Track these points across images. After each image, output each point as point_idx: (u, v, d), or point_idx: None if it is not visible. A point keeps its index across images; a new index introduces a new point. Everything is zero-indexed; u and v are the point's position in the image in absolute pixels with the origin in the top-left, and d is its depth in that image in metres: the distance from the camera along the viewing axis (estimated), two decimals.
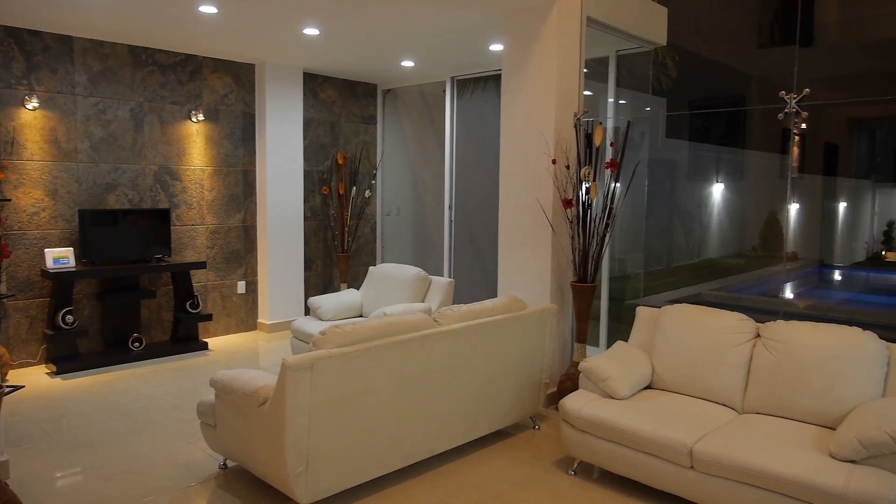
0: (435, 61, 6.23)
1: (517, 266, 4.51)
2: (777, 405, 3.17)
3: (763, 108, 3.86)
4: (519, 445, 3.83)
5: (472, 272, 6.93)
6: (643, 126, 6.10)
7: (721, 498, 2.84)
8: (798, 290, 7.87)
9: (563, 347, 4.53)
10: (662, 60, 6.01)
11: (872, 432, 2.56)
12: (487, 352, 3.62)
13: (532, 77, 4.35)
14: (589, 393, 3.45)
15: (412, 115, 7.67)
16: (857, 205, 9.10)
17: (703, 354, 3.42)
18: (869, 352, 2.99)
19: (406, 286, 5.16)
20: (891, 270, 9.15)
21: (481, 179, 6.54)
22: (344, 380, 2.91)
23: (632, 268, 5.98)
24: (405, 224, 7.84)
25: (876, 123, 8.27)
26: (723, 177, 8.01)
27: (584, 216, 4.14)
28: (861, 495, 2.45)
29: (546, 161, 4.26)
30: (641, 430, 3.05)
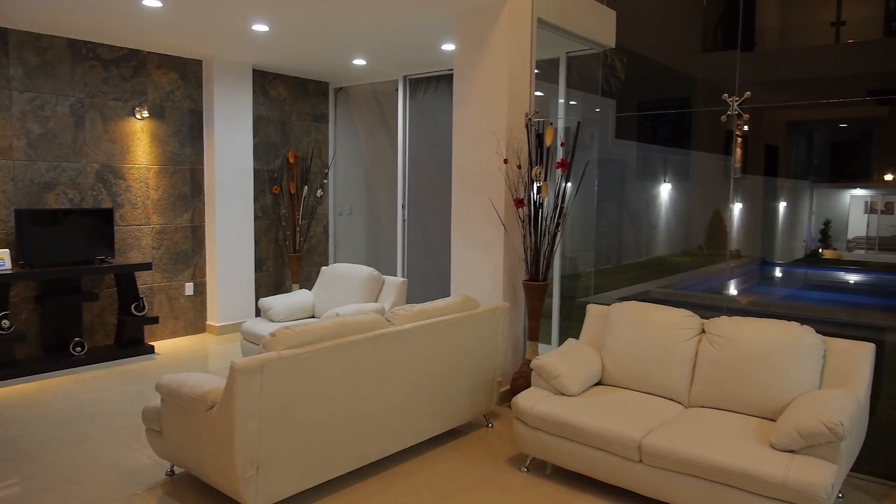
0: (387, 60, 6.20)
1: (470, 265, 4.53)
2: (721, 398, 3.27)
3: (707, 111, 3.97)
4: (472, 444, 3.85)
5: (425, 271, 6.93)
6: (593, 127, 6.21)
7: (669, 490, 2.91)
8: (741, 287, 8.14)
9: (515, 345, 4.57)
10: (611, 63, 6.13)
11: (810, 423, 2.66)
12: (441, 351, 3.63)
13: (484, 77, 4.37)
14: (541, 390, 3.49)
15: (364, 113, 7.62)
16: (796, 204, 9.46)
17: (651, 350, 3.50)
18: (806, 345, 3.11)
19: (359, 286, 5.12)
20: (828, 267, 9.54)
21: (434, 179, 6.55)
22: (295, 382, 2.87)
23: (583, 266, 6.07)
24: (358, 223, 7.78)
25: (813, 126, 8.62)
26: (670, 177, 8.22)
27: (535, 215, 4.18)
28: (799, 483, 2.54)
29: (498, 161, 4.28)
30: (591, 425, 3.10)
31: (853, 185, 9.55)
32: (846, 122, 8.27)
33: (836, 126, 8.45)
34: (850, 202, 9.75)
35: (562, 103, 5.25)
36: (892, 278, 8.98)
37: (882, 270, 9.21)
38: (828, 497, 2.51)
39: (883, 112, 7.04)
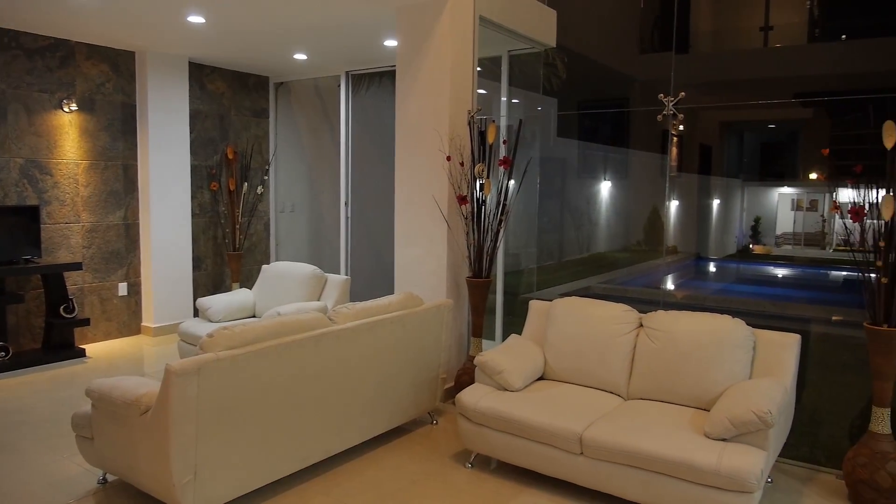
0: (329, 55, 6.12)
1: (413, 262, 4.52)
2: (658, 390, 3.37)
3: (644, 110, 4.07)
4: (417, 441, 3.85)
5: (369, 269, 6.88)
6: (535, 125, 6.28)
7: (609, 481, 2.97)
8: (678, 282, 8.40)
9: (459, 342, 4.58)
10: (553, 62, 6.21)
11: (741, 412, 2.76)
12: (384, 349, 3.61)
13: (426, 74, 4.36)
14: (485, 386, 3.52)
15: (306, 109, 7.50)
16: (729, 202, 9.82)
17: (591, 345, 3.57)
18: (737, 338, 3.24)
19: (301, 285, 5.04)
20: (758, 262, 9.94)
21: (378, 175, 6.50)
22: (234, 383, 2.80)
23: (525, 262, 6.14)
24: (300, 221, 7.66)
25: (744, 126, 8.97)
26: (610, 175, 8.41)
27: (478, 212, 4.20)
28: (731, 470, 2.64)
29: (441, 158, 4.29)
30: (534, 420, 3.14)
31: (781, 183, 9.98)
32: (774, 123, 8.64)
33: (765, 127, 8.82)
34: (779, 200, 10.19)
35: (504, 101, 5.29)
36: (817, 272, 9.42)
37: (807, 265, 9.66)
38: (757, 482, 2.61)
39: (808, 114, 7.38)
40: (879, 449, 3.05)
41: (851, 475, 3.11)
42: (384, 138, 6.13)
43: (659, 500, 2.84)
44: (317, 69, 6.80)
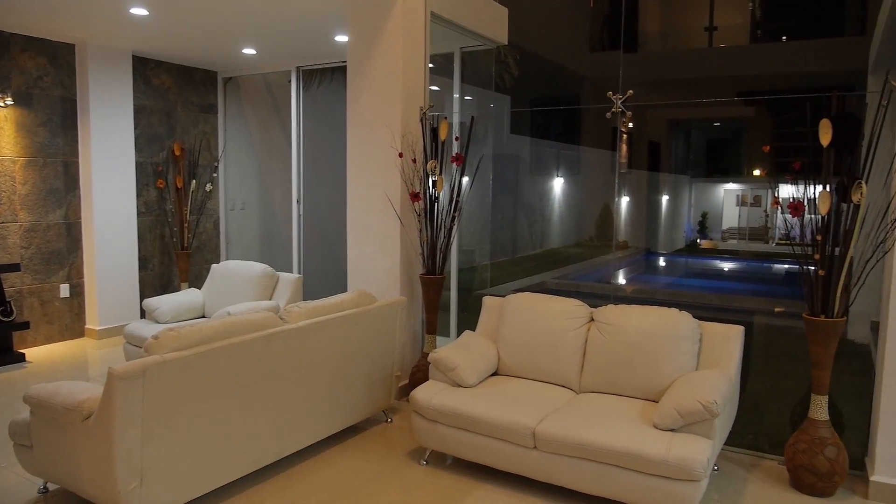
0: (278, 50, 6.01)
1: (367, 260, 4.49)
2: (609, 383, 3.42)
3: (594, 108, 4.13)
4: (371, 439, 3.82)
5: (323, 267, 6.80)
6: (488, 122, 6.31)
7: (562, 474, 3.01)
8: (629, 276, 8.57)
9: (414, 339, 4.57)
10: (505, 59, 6.25)
11: (687, 402, 2.84)
12: (337, 348, 3.57)
13: (378, 70, 4.33)
14: (439, 383, 3.52)
15: (256, 105, 7.36)
16: (677, 198, 10.05)
17: (544, 340, 3.61)
18: (684, 330, 3.32)
19: (251, 284, 4.95)
20: (705, 256, 10.22)
21: (331, 172, 6.43)
22: (182, 386, 2.73)
23: (479, 259, 6.17)
24: (251, 219, 7.51)
25: (691, 124, 9.20)
26: (563, 171, 8.52)
27: (431, 209, 4.20)
28: (679, 459, 2.70)
29: (393, 154, 4.26)
30: (488, 415, 3.16)
31: (727, 179, 10.27)
32: (719, 121, 8.89)
33: (711, 125, 9.07)
34: (724, 195, 10.50)
35: (457, 98, 5.30)
36: (760, 265, 9.74)
37: (751, 258, 9.97)
38: (704, 470, 2.69)
39: (751, 112, 7.62)
40: (818, 435, 3.17)
41: (792, 461, 3.23)
42: (337, 135, 6.06)
43: (610, 490, 2.90)
44: (267, 64, 6.68)
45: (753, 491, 3.23)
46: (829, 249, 3.07)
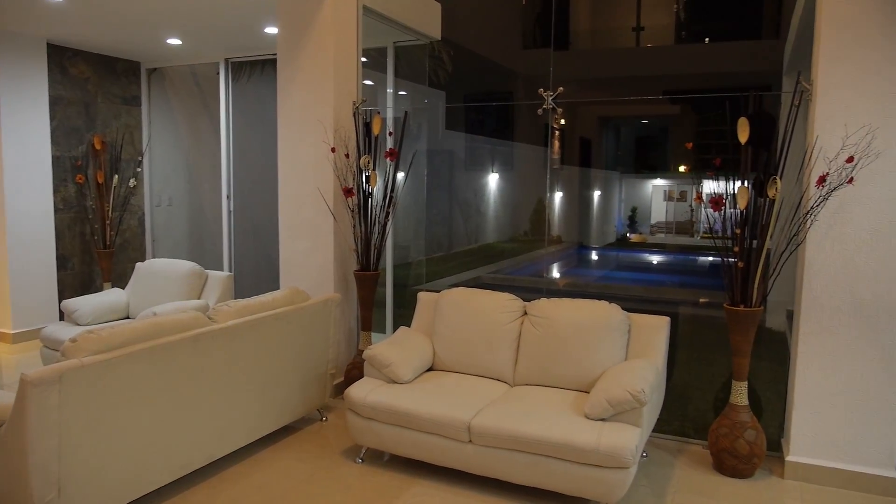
0: (206, 41, 5.82)
1: (300, 257, 4.41)
2: (542, 375, 3.48)
3: (527, 104, 4.18)
4: (306, 439, 3.76)
5: (255, 265, 6.64)
6: (422, 117, 6.30)
7: (497, 467, 3.04)
8: (562, 270, 8.74)
9: (349, 336, 4.53)
10: (439, 55, 6.25)
11: (617, 392, 2.91)
12: (269, 347, 3.49)
13: (309, 63, 4.25)
14: (374, 380, 3.49)
15: (183, 97, 7.10)
16: (608, 193, 10.32)
17: (478, 334, 3.63)
18: (614, 322, 3.40)
19: (179, 283, 4.78)
20: (635, 250, 10.54)
21: (262, 167, 6.28)
22: (102, 391, 2.61)
23: (415, 254, 6.16)
24: (179, 216, 7.26)
25: (620, 121, 9.45)
26: (497, 167, 8.60)
27: (365, 205, 4.16)
28: (609, 448, 2.77)
29: (325, 149, 4.20)
30: (423, 411, 3.16)
31: (654, 175, 10.62)
32: (647, 118, 9.18)
33: (639, 122, 9.36)
34: (652, 191, 10.85)
35: (390, 93, 5.26)
36: (686, 258, 10.11)
37: (678, 251, 10.35)
38: (632, 457, 2.77)
39: (676, 110, 7.89)
40: (739, 419, 3.31)
41: (715, 445, 3.37)
42: (268, 129, 5.92)
43: (544, 481, 2.95)
44: (193, 55, 6.45)
45: (679, 475, 3.35)
46: (747, 242, 3.22)
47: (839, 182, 3.08)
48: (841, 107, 3.11)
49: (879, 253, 3.11)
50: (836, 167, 3.09)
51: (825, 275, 3.21)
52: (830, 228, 3.17)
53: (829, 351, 3.23)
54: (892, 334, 3.12)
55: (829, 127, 3.13)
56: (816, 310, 3.24)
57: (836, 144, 3.11)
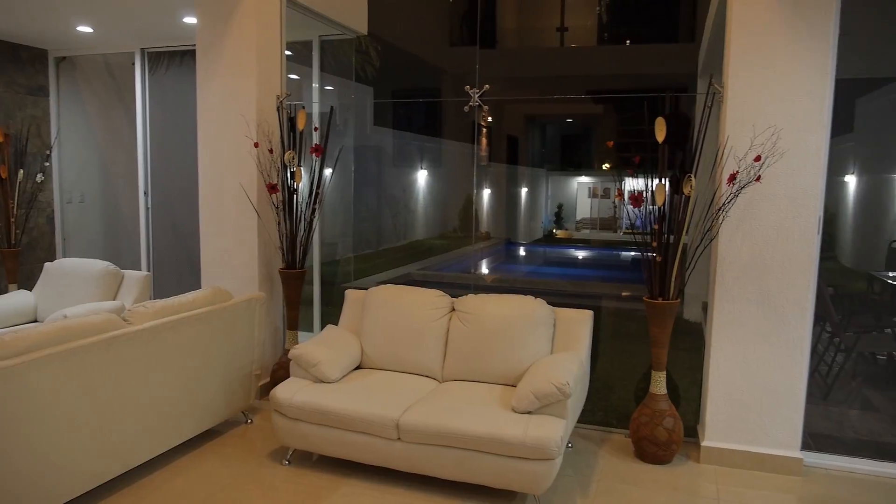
0: (119, 29, 5.54)
1: (222, 255, 4.27)
2: (470, 371, 3.51)
3: (454, 101, 4.20)
4: (231, 443, 3.65)
5: (177, 264, 6.39)
6: (349, 113, 6.22)
7: (426, 463, 3.04)
8: (491, 266, 8.84)
9: (274, 336, 4.43)
10: (366, 50, 6.18)
11: (542, 385, 2.97)
12: (190, 349, 3.37)
13: (230, 55, 4.11)
14: (301, 380, 3.43)
15: (96, 88, 6.75)
16: (535, 190, 10.51)
17: (406, 331, 3.62)
18: (539, 316, 3.47)
19: (92, 283, 4.54)
20: (561, 245, 10.78)
21: (183, 162, 6.04)
22: (5, 400, 2.44)
23: (343, 252, 6.09)
24: (93, 213, 6.89)
25: (546, 120, 9.64)
26: (426, 164, 8.60)
27: (290, 201, 4.07)
28: (535, 440, 2.82)
29: (248, 144, 4.08)
30: (351, 410, 3.12)
31: (579, 172, 10.90)
32: (572, 117, 9.40)
33: (564, 121, 9.57)
34: (578, 188, 11.13)
35: (316, 87, 5.17)
36: (610, 253, 10.43)
37: (602, 247, 10.66)
38: (558, 448, 2.83)
39: (599, 110, 8.11)
40: (658, 408, 3.44)
41: (636, 433, 3.49)
42: (188, 122, 5.70)
43: (472, 475, 2.97)
44: (106, 44, 6.13)
45: (603, 464, 3.46)
46: (665, 238, 3.34)
47: (748, 180, 3.24)
48: (749, 109, 3.28)
49: (784, 247, 3.29)
50: (746, 166, 3.25)
51: (736, 268, 3.37)
52: (740, 224, 3.34)
53: (740, 340, 3.40)
54: (798, 324, 3.31)
55: (738, 127, 3.29)
56: (728, 301, 3.40)
57: (745, 144, 3.27)
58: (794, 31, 3.19)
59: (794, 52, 3.19)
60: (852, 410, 4.07)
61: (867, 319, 4.36)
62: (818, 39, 3.16)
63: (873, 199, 4.45)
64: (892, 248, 4.32)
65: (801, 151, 3.23)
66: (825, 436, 3.77)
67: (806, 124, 3.21)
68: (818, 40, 3.16)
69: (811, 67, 3.18)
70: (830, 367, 4.21)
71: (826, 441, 3.71)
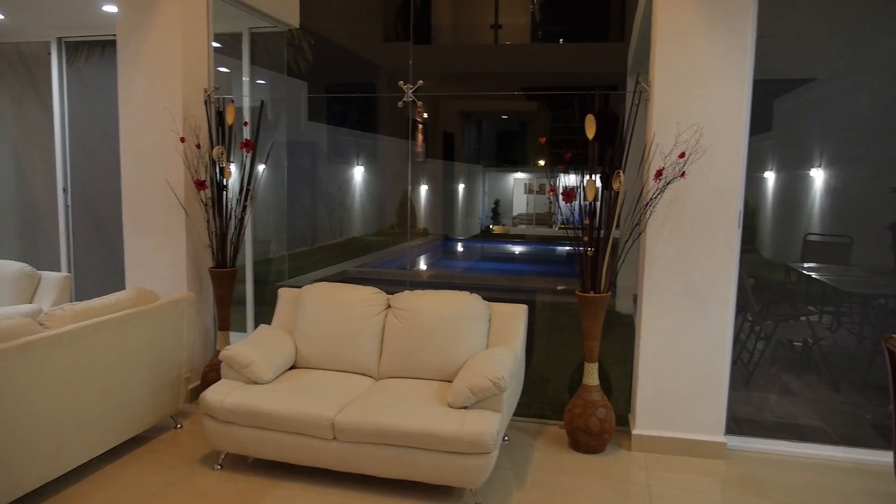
0: (33, 17, 5.24)
1: (148, 254, 4.11)
2: (407, 368, 3.50)
3: (389, 97, 4.16)
4: (159, 449, 3.52)
5: (100, 265, 6.11)
6: (281, 107, 6.10)
7: (362, 462, 3.01)
8: (428, 262, 8.85)
9: (205, 337, 4.29)
10: (299, 43, 6.07)
11: (478, 380, 2.99)
12: (113, 353, 3.22)
13: (154, 47, 3.95)
14: (232, 382, 3.34)
15: (8, 78, 6.37)
16: (472, 186, 10.57)
17: (341, 329, 3.58)
18: (475, 311, 3.49)
19: (5, 286, 4.29)
20: (498, 241, 10.89)
21: (105, 158, 5.77)
22: None
23: (277, 250, 5.97)
24: (6, 211, 6.51)
25: (482, 116, 9.72)
26: (362, 160, 8.53)
27: (219, 198, 3.95)
28: (472, 434, 2.84)
29: (174, 139, 3.94)
30: (285, 410, 3.06)
31: (515, 168, 11.04)
32: (507, 114, 9.52)
33: (500, 117, 9.68)
34: (514, 184, 11.28)
35: (246, 81, 5.04)
36: (546, 248, 10.62)
37: (538, 242, 10.84)
38: (494, 442, 2.85)
39: (533, 107, 8.24)
40: (591, 399, 3.52)
41: (570, 424, 3.56)
42: (110, 116, 5.45)
43: (409, 472, 2.96)
44: (19, 32, 5.79)
45: (538, 456, 3.51)
46: (596, 232, 3.42)
47: (673, 176, 3.35)
48: (674, 107, 3.38)
49: (707, 241, 3.42)
50: (671, 162, 3.36)
51: (663, 261, 3.48)
52: (667, 218, 3.45)
53: (668, 332, 3.52)
54: (721, 315, 3.45)
55: (664, 125, 3.39)
56: (656, 294, 3.51)
57: (670, 141, 3.38)
58: (715, 33, 3.31)
59: (715, 54, 3.32)
60: (772, 395, 4.27)
61: (785, 308, 4.58)
62: (737, 41, 3.29)
63: (790, 194, 4.69)
64: (807, 241, 4.56)
65: (722, 148, 3.36)
66: (747, 420, 3.94)
67: (726, 123, 3.34)
68: (737, 42, 3.29)
69: (731, 68, 3.31)
70: (752, 354, 4.40)
71: (748, 425, 3.88)
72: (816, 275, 4.45)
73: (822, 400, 4.16)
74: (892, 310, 4.29)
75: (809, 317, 4.53)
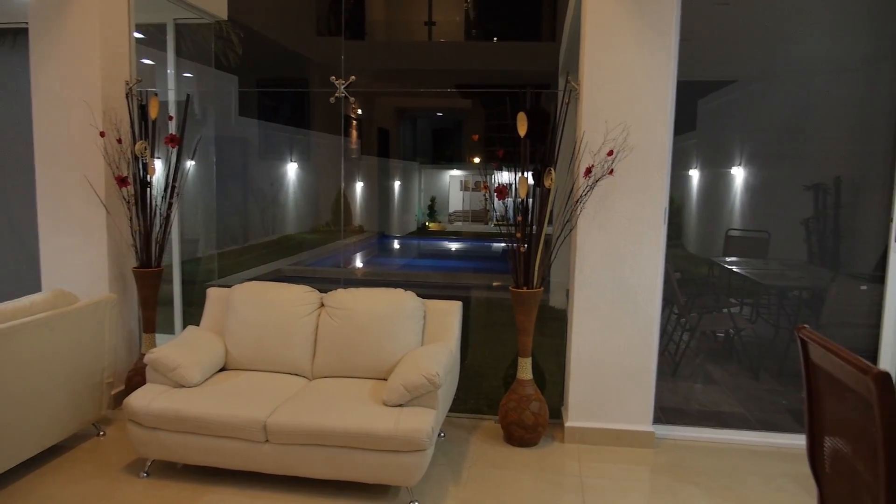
0: None
1: (65, 254, 3.91)
2: (341, 367, 3.46)
3: (322, 92, 4.10)
4: (80, 458, 3.36)
5: (14, 266, 5.77)
6: (209, 102, 5.91)
7: (296, 464, 2.96)
8: (365, 259, 8.79)
9: (129, 340, 4.12)
10: (228, 36, 5.90)
11: (412, 377, 2.98)
12: (27, 358, 3.05)
13: (71, 36, 3.76)
14: (158, 385, 3.22)
15: None
16: (408, 183, 10.55)
17: (273, 329, 3.50)
18: (409, 309, 3.48)
19: None
20: (434, 238, 10.92)
21: (19, 153, 5.46)
22: None
23: (206, 248, 5.79)
24: None
25: (417, 113, 9.70)
26: (296, 156, 8.37)
27: (143, 195, 3.80)
28: (406, 432, 2.83)
29: (93, 133, 3.76)
30: (215, 414, 2.97)
31: (451, 166, 11.08)
32: (442, 111, 9.54)
33: (435, 114, 9.69)
34: (450, 181, 11.33)
35: (171, 74, 4.86)
36: (482, 244, 10.71)
37: (474, 238, 10.92)
38: (429, 439, 2.85)
39: (468, 104, 8.29)
40: (524, 393, 3.58)
41: (505, 418, 3.60)
42: (24, 108, 5.16)
43: (344, 472, 2.93)
44: None
45: (474, 450, 3.54)
46: (529, 229, 3.46)
47: (602, 173, 3.44)
48: (602, 106, 3.47)
49: (635, 237, 3.52)
50: (600, 160, 3.44)
51: (593, 257, 3.56)
52: (596, 215, 3.53)
53: (598, 325, 3.60)
54: (649, 309, 3.56)
55: (593, 123, 3.47)
56: (587, 288, 3.59)
57: (599, 139, 3.46)
58: (641, 34, 3.41)
59: (641, 55, 3.42)
60: (696, 385, 4.45)
61: (708, 301, 4.78)
62: (661, 43, 3.40)
63: (713, 191, 4.89)
64: (729, 236, 4.76)
65: (648, 147, 3.46)
66: (674, 409, 4.09)
67: (652, 122, 3.45)
68: (661, 44, 3.40)
69: (656, 69, 3.42)
70: (678, 345, 4.57)
71: (675, 414, 4.03)
72: (737, 268, 4.66)
73: (742, 388, 4.36)
74: (806, 301, 4.54)
75: (731, 309, 4.74)
